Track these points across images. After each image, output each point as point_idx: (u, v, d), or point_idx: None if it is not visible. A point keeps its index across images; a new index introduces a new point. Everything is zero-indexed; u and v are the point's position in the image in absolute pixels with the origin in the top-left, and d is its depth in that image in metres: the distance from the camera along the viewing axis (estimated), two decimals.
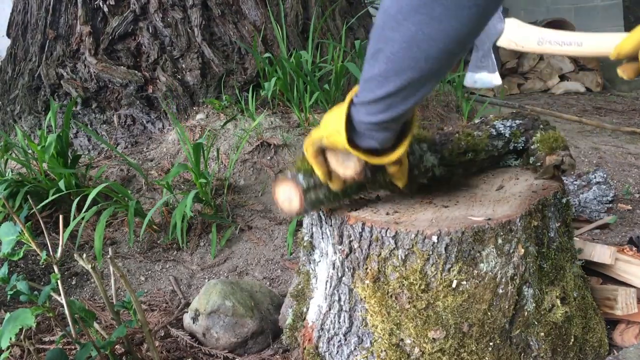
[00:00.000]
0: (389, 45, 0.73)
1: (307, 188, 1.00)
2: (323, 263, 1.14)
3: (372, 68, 0.77)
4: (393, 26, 0.70)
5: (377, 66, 0.76)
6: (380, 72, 0.76)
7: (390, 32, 0.71)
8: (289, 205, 1.02)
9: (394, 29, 0.70)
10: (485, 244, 0.99)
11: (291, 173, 1.02)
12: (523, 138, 1.27)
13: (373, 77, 0.78)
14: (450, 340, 1.01)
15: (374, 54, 0.76)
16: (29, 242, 0.99)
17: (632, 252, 1.41)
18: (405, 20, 0.69)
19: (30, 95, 2.71)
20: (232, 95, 2.58)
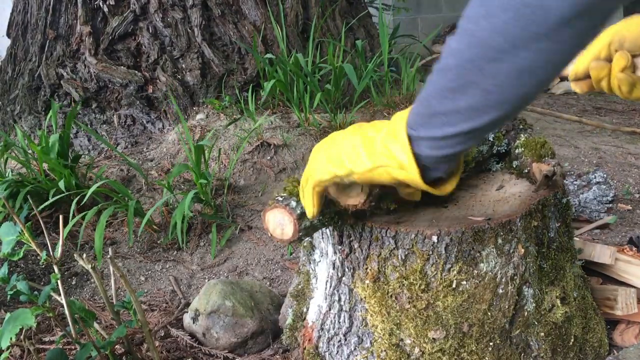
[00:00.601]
0: (488, 78, 0.65)
1: (301, 214, 0.93)
2: (323, 263, 1.14)
3: (453, 102, 0.70)
4: (496, 57, 0.63)
5: (465, 100, 0.69)
6: (471, 105, 0.69)
7: (492, 64, 0.64)
8: (281, 233, 0.95)
9: (498, 60, 0.63)
10: (485, 244, 0.99)
11: (282, 198, 0.95)
12: (505, 141, 1.26)
13: (456, 111, 0.71)
14: (450, 340, 1.01)
15: (460, 88, 0.68)
16: (29, 242, 0.99)
17: (632, 252, 1.41)
18: (517, 49, 0.62)
19: (30, 95, 2.71)
20: (232, 95, 2.58)
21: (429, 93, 0.73)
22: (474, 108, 0.69)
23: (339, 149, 0.86)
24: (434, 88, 0.72)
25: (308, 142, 2.34)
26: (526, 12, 0.57)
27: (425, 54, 3.93)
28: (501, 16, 0.60)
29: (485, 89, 0.66)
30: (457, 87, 0.69)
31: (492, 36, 0.62)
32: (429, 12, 5.93)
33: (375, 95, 2.62)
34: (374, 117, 2.53)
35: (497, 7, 0.60)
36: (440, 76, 0.71)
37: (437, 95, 0.72)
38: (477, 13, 0.63)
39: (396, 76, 2.81)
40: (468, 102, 0.69)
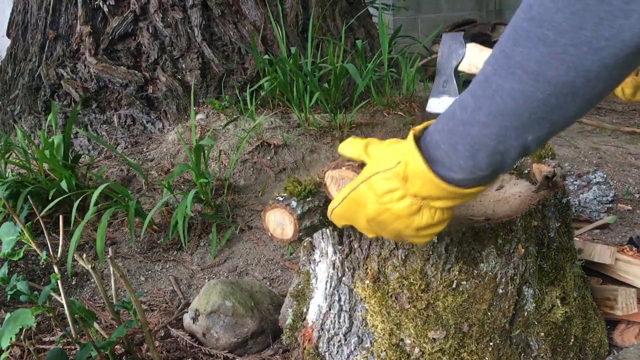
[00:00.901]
0: (558, 113, 0.60)
1: (301, 214, 0.92)
2: (323, 263, 1.14)
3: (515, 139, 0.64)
4: (569, 92, 0.58)
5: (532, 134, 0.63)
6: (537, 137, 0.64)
7: (564, 99, 0.59)
8: (281, 233, 0.94)
9: (573, 94, 0.58)
10: (486, 244, 0.99)
11: (282, 198, 0.95)
12: None
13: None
14: (450, 340, 1.01)
15: (526, 125, 0.62)
16: (29, 242, 0.99)
17: (632, 252, 1.41)
18: (591, 82, 0.57)
19: (30, 95, 2.71)
20: (232, 95, 2.58)
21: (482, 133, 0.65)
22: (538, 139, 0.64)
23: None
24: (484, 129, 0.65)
25: (308, 142, 2.34)
26: (600, 45, 0.54)
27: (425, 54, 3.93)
28: (572, 51, 0.55)
29: (552, 121, 0.62)
30: (522, 126, 0.63)
31: (567, 73, 0.57)
32: (429, 12, 5.94)
33: (375, 95, 2.62)
34: (373, 117, 2.53)
35: (565, 44, 0.55)
36: (502, 120, 0.63)
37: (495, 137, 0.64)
38: (538, 52, 0.57)
39: (396, 76, 2.81)
40: (534, 136, 0.64)
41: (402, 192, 0.74)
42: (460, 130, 0.66)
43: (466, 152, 0.66)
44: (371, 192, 0.77)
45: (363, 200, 0.79)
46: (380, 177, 0.76)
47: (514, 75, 0.59)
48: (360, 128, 2.44)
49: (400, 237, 0.80)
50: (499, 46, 0.61)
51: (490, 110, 0.63)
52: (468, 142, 0.66)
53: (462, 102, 0.66)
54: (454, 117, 0.67)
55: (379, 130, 2.45)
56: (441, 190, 0.70)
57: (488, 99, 0.63)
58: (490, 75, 0.62)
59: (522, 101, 0.60)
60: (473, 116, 0.64)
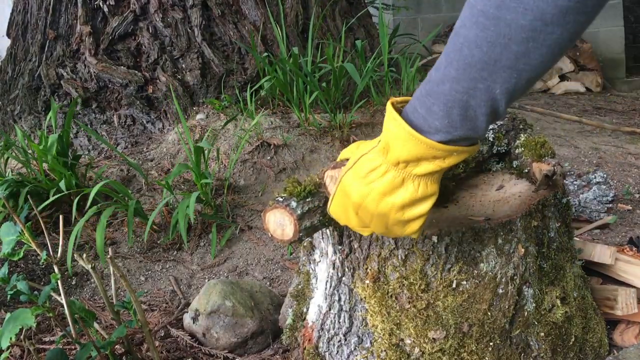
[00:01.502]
0: (520, 58, 0.62)
1: (301, 215, 0.93)
2: (323, 263, 1.14)
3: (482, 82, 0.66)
4: (529, 37, 0.61)
5: (498, 84, 0.65)
6: (505, 87, 0.66)
7: (524, 44, 0.61)
8: (281, 233, 0.94)
9: (532, 39, 0.61)
10: (486, 244, 0.99)
11: (282, 198, 0.95)
12: (505, 140, 1.26)
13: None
14: (450, 340, 1.01)
15: (489, 76, 0.65)
16: (29, 242, 0.99)
17: (632, 252, 1.41)
18: (550, 26, 0.60)
19: (30, 95, 2.72)
20: (232, 95, 2.58)
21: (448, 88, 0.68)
22: (507, 89, 0.66)
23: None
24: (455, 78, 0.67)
25: (308, 142, 2.34)
26: None
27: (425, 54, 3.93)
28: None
29: (518, 69, 0.64)
30: (487, 76, 0.65)
31: (524, 15, 0.60)
32: (429, 12, 5.94)
33: (375, 95, 2.62)
34: (373, 117, 2.53)
35: None
36: (462, 69, 0.66)
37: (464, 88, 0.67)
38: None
39: (396, 76, 2.81)
40: (502, 89, 0.66)
41: (385, 167, 0.75)
42: (435, 90, 0.69)
43: (440, 111, 0.69)
44: (355, 177, 0.79)
45: (348, 189, 0.80)
46: (364, 159, 0.79)
47: (477, 23, 0.62)
48: (360, 128, 2.44)
49: (388, 225, 0.80)
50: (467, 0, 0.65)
51: (459, 64, 0.65)
52: (442, 100, 0.68)
53: (437, 63, 0.69)
54: (430, 79, 0.70)
55: (379, 130, 2.45)
56: (420, 146, 0.71)
57: (457, 52, 0.65)
58: (458, 28, 0.65)
59: (485, 48, 0.63)
60: (445, 73, 0.67)
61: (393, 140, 0.73)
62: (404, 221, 0.78)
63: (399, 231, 0.81)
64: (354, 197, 0.79)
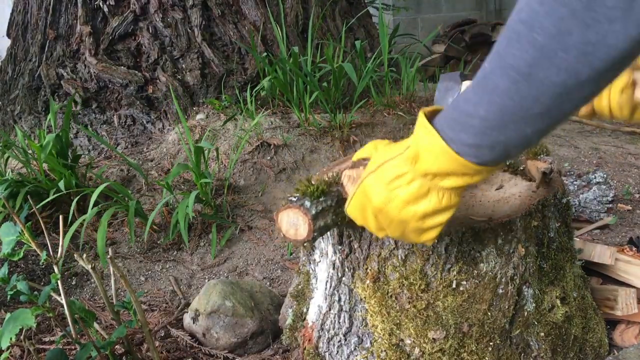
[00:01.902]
0: (553, 112, 0.62)
1: (315, 214, 0.92)
2: (323, 263, 1.14)
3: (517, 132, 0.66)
4: (562, 93, 0.60)
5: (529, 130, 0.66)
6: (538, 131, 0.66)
7: (557, 100, 0.61)
8: (294, 233, 0.94)
9: (565, 95, 0.60)
10: (485, 244, 0.99)
11: (296, 198, 0.94)
12: None
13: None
14: (450, 340, 1.01)
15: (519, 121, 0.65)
16: (29, 242, 0.99)
17: (632, 252, 1.41)
18: (582, 86, 0.59)
19: (30, 95, 2.72)
20: (232, 95, 2.58)
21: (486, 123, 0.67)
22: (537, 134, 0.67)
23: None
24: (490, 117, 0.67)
25: (308, 142, 2.34)
26: (588, 49, 0.56)
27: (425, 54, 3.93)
28: (562, 55, 0.57)
29: (550, 116, 0.64)
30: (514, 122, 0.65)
31: (558, 74, 0.59)
32: (429, 12, 5.94)
33: (375, 95, 2.62)
34: (373, 117, 2.53)
35: (555, 49, 0.57)
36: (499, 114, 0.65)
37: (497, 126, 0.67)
38: (529, 55, 0.59)
39: (396, 76, 2.81)
40: (533, 129, 0.66)
41: (412, 175, 0.76)
42: (463, 121, 0.69)
43: (469, 140, 0.69)
44: (379, 181, 0.79)
45: (370, 192, 0.81)
46: (389, 164, 0.79)
47: (508, 75, 0.61)
48: (360, 128, 2.44)
49: (406, 231, 0.81)
50: (496, 46, 0.63)
51: (489, 106, 0.65)
52: (471, 131, 0.68)
53: (466, 95, 0.69)
54: (458, 107, 0.70)
55: (379, 130, 2.45)
56: (452, 162, 0.71)
57: (487, 96, 0.65)
58: (488, 73, 0.64)
59: (517, 99, 0.62)
60: (474, 109, 0.67)
61: (425, 152, 0.73)
62: (423, 229, 0.79)
63: (414, 238, 0.82)
64: (376, 201, 0.80)
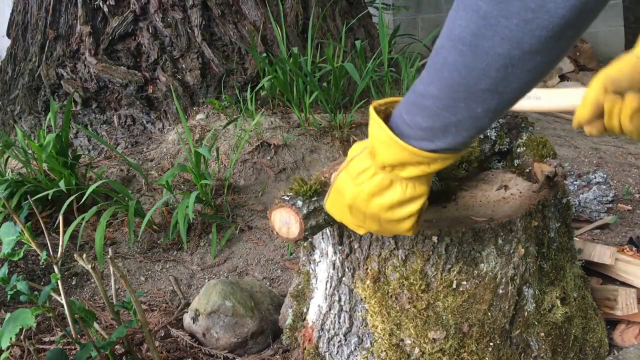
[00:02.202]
0: (500, 82, 0.61)
1: (307, 214, 0.93)
2: (323, 263, 1.14)
3: (465, 110, 0.65)
4: (507, 64, 0.60)
5: (479, 107, 0.65)
6: (486, 109, 0.66)
7: (502, 71, 0.60)
8: (286, 232, 0.96)
9: (510, 66, 0.60)
10: (486, 244, 0.99)
11: (288, 197, 0.95)
12: (507, 139, 1.27)
13: (466, 118, 0.67)
14: (451, 340, 1.01)
15: (467, 98, 0.65)
16: (29, 242, 0.99)
17: (632, 252, 1.41)
18: (529, 54, 0.59)
19: (30, 95, 2.71)
20: (232, 95, 2.58)
21: (435, 104, 0.67)
22: (487, 110, 0.66)
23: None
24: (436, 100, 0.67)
25: (308, 142, 2.34)
26: (529, 17, 0.55)
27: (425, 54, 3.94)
28: (504, 23, 0.57)
29: (499, 92, 0.63)
30: (464, 98, 0.65)
31: (501, 44, 0.58)
32: (429, 12, 5.94)
33: (375, 95, 2.61)
34: None
35: (497, 16, 0.57)
36: (443, 90, 0.66)
37: (446, 106, 0.67)
38: (473, 24, 0.59)
39: (396, 76, 2.81)
40: (483, 107, 0.65)
41: (374, 169, 0.77)
42: (418, 102, 0.69)
43: (424, 122, 0.69)
44: (348, 177, 0.80)
45: (341, 188, 0.82)
46: (355, 160, 0.80)
47: (455, 48, 0.62)
48: (360, 128, 2.44)
49: (381, 224, 0.81)
50: (446, 20, 0.63)
51: (440, 83, 0.65)
52: (425, 113, 0.68)
53: (422, 76, 0.69)
54: (414, 89, 0.70)
55: None
56: (403, 152, 0.72)
57: (438, 72, 0.65)
58: (439, 48, 0.65)
59: (465, 73, 0.62)
60: (427, 89, 0.67)
61: (378, 145, 0.74)
62: (395, 220, 0.80)
63: (392, 230, 0.82)
64: (347, 196, 0.81)
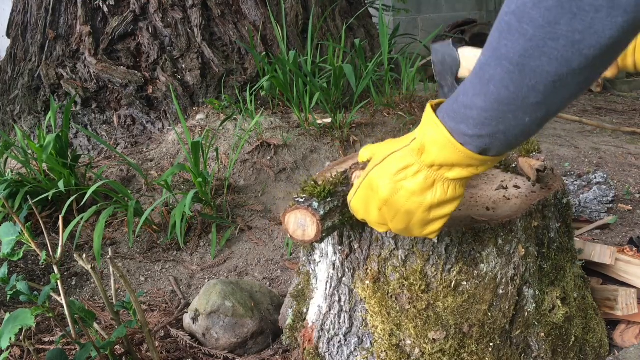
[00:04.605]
0: (552, 98, 0.63)
1: (324, 215, 0.92)
2: (323, 263, 1.14)
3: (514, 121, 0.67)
4: (556, 81, 0.61)
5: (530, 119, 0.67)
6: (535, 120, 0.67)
7: (552, 88, 0.62)
8: (302, 234, 0.94)
9: (559, 84, 0.61)
10: (486, 245, 0.99)
11: (303, 199, 0.94)
12: None
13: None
14: (451, 340, 1.01)
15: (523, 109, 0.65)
16: (28, 242, 0.99)
17: (632, 252, 1.41)
18: (575, 74, 0.60)
19: (30, 95, 2.71)
20: (232, 95, 2.58)
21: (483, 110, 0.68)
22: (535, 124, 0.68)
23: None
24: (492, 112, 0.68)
25: (308, 142, 2.34)
26: (577, 38, 0.57)
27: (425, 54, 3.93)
28: (552, 45, 0.58)
29: (546, 104, 0.65)
30: (519, 109, 0.66)
31: (549, 64, 0.60)
32: (429, 12, 5.94)
33: (375, 95, 2.61)
34: (373, 117, 2.53)
35: (544, 38, 0.58)
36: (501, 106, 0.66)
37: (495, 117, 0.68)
38: (520, 46, 0.60)
39: (396, 76, 2.81)
40: (531, 118, 0.66)
41: (418, 167, 0.77)
42: (462, 112, 0.70)
43: (469, 131, 0.70)
44: (385, 173, 0.80)
45: (376, 184, 0.81)
46: (395, 156, 0.80)
47: (502, 66, 0.63)
48: (360, 128, 2.44)
49: (410, 224, 0.81)
50: (489, 38, 0.65)
51: (487, 97, 0.66)
52: (471, 123, 0.70)
53: (465, 87, 0.70)
54: (457, 100, 0.71)
55: (379, 130, 2.45)
56: (457, 154, 0.73)
57: (484, 87, 0.66)
58: (483, 65, 0.66)
59: (513, 89, 0.63)
60: (473, 101, 0.68)
61: (430, 144, 0.75)
62: (428, 221, 0.80)
63: (417, 231, 0.82)
64: (382, 192, 0.80)
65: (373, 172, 0.82)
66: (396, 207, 0.80)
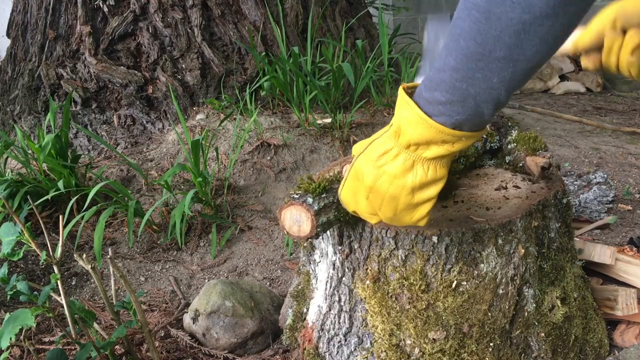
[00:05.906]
0: (526, 45, 0.63)
1: (318, 210, 0.94)
2: (323, 263, 1.14)
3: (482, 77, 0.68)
4: (532, 22, 0.62)
5: (496, 73, 0.67)
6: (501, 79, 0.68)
7: (529, 31, 0.62)
8: (297, 230, 0.96)
9: (536, 24, 0.62)
10: (486, 245, 0.99)
11: (298, 195, 0.96)
12: (497, 137, 1.28)
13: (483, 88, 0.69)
14: (451, 340, 1.01)
15: (488, 64, 0.66)
16: (28, 242, 0.99)
17: (632, 252, 1.41)
18: (539, 18, 0.61)
19: (30, 95, 2.71)
20: (232, 95, 2.58)
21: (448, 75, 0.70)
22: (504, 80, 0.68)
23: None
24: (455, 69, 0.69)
25: (308, 142, 2.34)
26: None
27: None
28: None
29: (513, 60, 0.66)
30: (483, 66, 0.67)
31: (513, 9, 0.61)
32: (429, 12, 5.93)
33: (375, 95, 2.61)
34: (374, 117, 2.53)
35: None
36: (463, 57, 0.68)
37: (463, 77, 0.69)
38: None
39: (396, 76, 2.81)
40: (499, 77, 0.67)
41: (397, 150, 0.78)
42: (437, 77, 0.72)
43: (442, 97, 0.71)
44: (368, 160, 0.81)
45: (360, 172, 0.82)
46: (376, 142, 0.82)
47: (470, 15, 0.65)
48: (360, 128, 2.44)
49: (398, 210, 0.81)
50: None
51: (457, 54, 0.68)
52: (443, 87, 0.71)
53: (440, 52, 0.72)
54: (434, 65, 0.73)
55: (379, 130, 2.45)
56: (430, 130, 0.74)
57: (455, 42, 0.68)
58: (455, 19, 0.67)
59: (480, 40, 0.65)
60: (445, 62, 0.70)
61: (405, 124, 0.76)
62: (414, 204, 0.80)
63: (407, 217, 0.82)
64: (367, 180, 0.81)
65: (357, 161, 0.83)
66: (381, 193, 0.80)
